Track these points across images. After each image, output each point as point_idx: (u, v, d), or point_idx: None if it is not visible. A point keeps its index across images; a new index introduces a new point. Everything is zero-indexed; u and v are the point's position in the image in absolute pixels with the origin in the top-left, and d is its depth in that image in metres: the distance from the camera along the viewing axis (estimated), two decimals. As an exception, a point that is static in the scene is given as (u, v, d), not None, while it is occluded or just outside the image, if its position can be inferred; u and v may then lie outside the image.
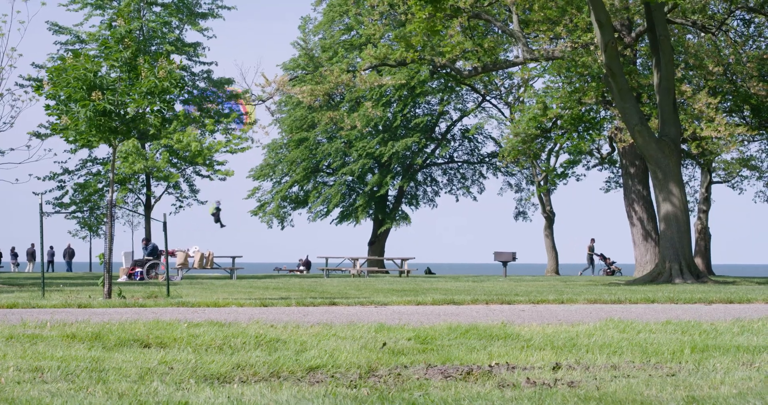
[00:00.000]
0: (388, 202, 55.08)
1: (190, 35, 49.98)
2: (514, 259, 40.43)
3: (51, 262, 60.72)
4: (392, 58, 30.24)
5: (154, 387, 4.49)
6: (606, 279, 31.83)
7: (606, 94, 32.34)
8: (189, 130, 40.74)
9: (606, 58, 25.79)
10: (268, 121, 79.33)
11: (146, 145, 41.67)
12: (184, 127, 40.48)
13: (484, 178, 57.34)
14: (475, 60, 30.58)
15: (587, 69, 30.82)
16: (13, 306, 10.73)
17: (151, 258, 34.21)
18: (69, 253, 60.58)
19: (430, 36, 29.17)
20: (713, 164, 48.46)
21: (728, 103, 35.22)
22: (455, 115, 57.00)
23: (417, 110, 54.80)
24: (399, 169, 53.91)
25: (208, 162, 40.88)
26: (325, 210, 54.60)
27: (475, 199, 57.41)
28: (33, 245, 62.04)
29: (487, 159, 56.91)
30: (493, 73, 44.64)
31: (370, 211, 54.42)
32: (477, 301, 12.33)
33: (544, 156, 48.24)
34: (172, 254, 34.07)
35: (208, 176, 42.77)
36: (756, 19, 36.12)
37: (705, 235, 48.82)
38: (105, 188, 43.11)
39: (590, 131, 36.08)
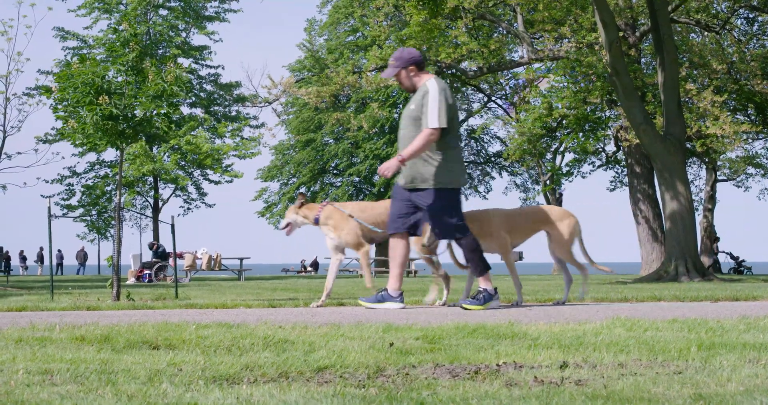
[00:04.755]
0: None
1: (197, 39, 50.02)
2: (520, 258, 40.43)
3: (60, 264, 60.94)
4: (398, 59, 30.23)
5: (163, 388, 4.51)
6: (613, 278, 31.80)
7: (611, 94, 32.36)
8: (200, 133, 40.85)
9: (610, 58, 25.80)
10: (274, 122, 79.37)
11: (154, 148, 41.73)
12: (195, 130, 40.57)
13: (491, 178, 57.40)
14: (480, 60, 30.61)
15: (592, 69, 30.84)
16: (23, 309, 10.76)
17: (159, 260, 34.28)
18: (82, 256, 60.84)
19: (427, 39, 29.22)
20: (718, 162, 48.51)
21: (732, 102, 35.25)
22: (461, 116, 57.02)
23: (423, 111, 54.79)
24: (406, 169, 53.93)
25: (216, 166, 40.94)
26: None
27: (485, 197, 57.41)
28: (42, 248, 62.30)
29: (493, 159, 56.96)
30: (498, 73, 44.68)
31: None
32: (484, 301, 12.33)
33: (549, 155, 48.28)
34: (180, 256, 34.15)
35: (216, 181, 42.88)
36: (760, 18, 36.14)
37: (710, 233, 48.87)
38: (113, 191, 43.20)
39: (595, 131, 36.12)
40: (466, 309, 10.31)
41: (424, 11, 27.05)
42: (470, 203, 67.41)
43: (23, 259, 64.20)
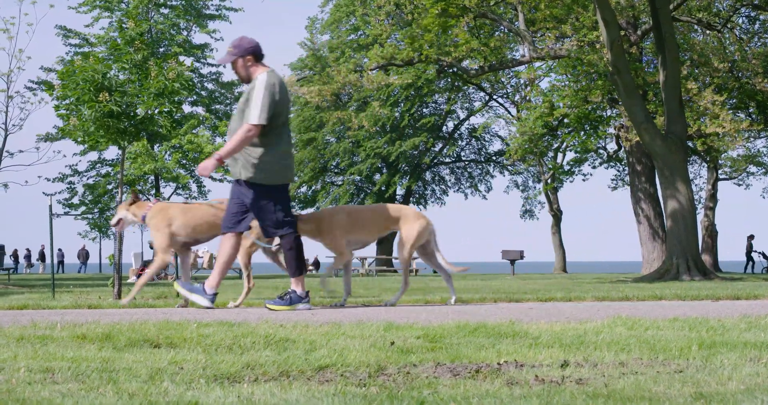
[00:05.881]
0: (396, 202, 55.12)
1: (198, 37, 50.13)
2: (521, 257, 40.42)
3: (61, 263, 61.09)
4: (399, 57, 30.25)
5: (164, 387, 4.51)
6: (614, 276, 31.83)
7: (612, 93, 32.34)
8: (201, 132, 40.78)
9: (612, 57, 25.80)
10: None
11: (155, 146, 41.69)
12: (196, 129, 40.51)
13: (492, 177, 57.37)
14: (481, 59, 30.59)
15: (593, 67, 30.82)
16: (24, 307, 10.77)
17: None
18: (84, 255, 61.04)
19: (440, 34, 29.21)
20: (719, 161, 48.51)
21: (733, 100, 35.24)
22: (462, 115, 57.04)
23: (424, 110, 54.83)
24: (407, 168, 53.95)
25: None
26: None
27: (485, 197, 57.37)
28: (43, 247, 62.53)
29: (494, 158, 56.93)
30: (500, 72, 44.64)
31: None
32: (485, 300, 12.35)
33: (550, 154, 48.27)
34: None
35: (219, 179, 42.83)
36: (761, 16, 36.10)
37: (712, 231, 48.90)
38: (114, 189, 43.22)
39: (596, 129, 36.11)
40: (270, 309, 10.13)
41: (439, 4, 27.01)
42: (469, 202, 67.30)
43: (27, 257, 64.62)
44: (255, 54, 10.43)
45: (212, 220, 11.06)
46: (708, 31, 35.09)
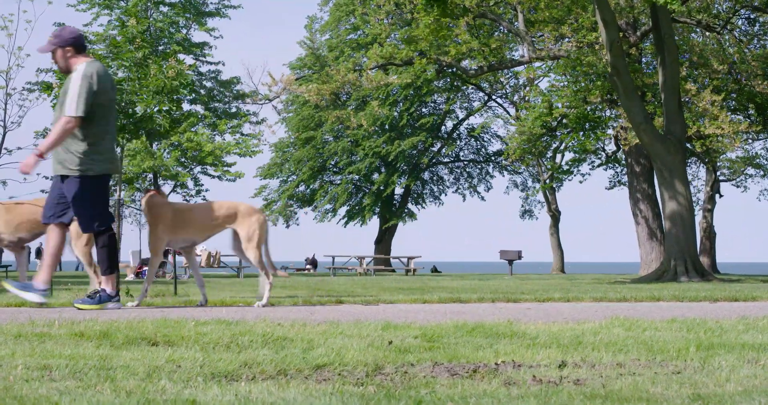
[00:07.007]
0: (394, 202, 55.08)
1: (197, 35, 49.99)
2: (519, 257, 40.42)
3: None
4: (398, 57, 30.25)
5: (161, 385, 4.51)
6: (612, 277, 31.78)
7: (611, 93, 32.34)
8: (200, 130, 40.70)
9: (611, 57, 25.78)
10: (274, 120, 79.28)
11: (154, 144, 41.65)
12: (195, 127, 40.42)
13: (491, 177, 57.34)
14: (480, 59, 30.59)
15: (592, 68, 30.81)
16: (22, 304, 10.76)
17: (158, 257, 34.23)
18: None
19: (437, 39, 29.19)
20: (717, 163, 48.51)
21: (732, 102, 35.22)
22: (461, 114, 57.01)
23: (423, 109, 54.79)
24: (405, 168, 53.90)
25: (217, 163, 40.82)
26: (332, 209, 54.61)
27: (483, 198, 57.32)
28: (41, 244, 62.60)
29: (493, 158, 56.92)
30: (499, 72, 44.62)
31: (377, 210, 54.43)
32: (483, 300, 12.35)
33: (549, 154, 48.23)
34: (179, 253, 34.14)
35: (217, 176, 42.80)
36: (761, 18, 36.08)
37: (710, 233, 48.90)
38: (113, 187, 43.12)
39: (595, 130, 36.09)
40: (78, 308, 9.95)
41: (434, 12, 26.97)
42: (468, 203, 67.23)
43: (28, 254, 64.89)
44: (75, 45, 10.21)
45: (35, 219, 10.96)
46: (707, 33, 35.08)
